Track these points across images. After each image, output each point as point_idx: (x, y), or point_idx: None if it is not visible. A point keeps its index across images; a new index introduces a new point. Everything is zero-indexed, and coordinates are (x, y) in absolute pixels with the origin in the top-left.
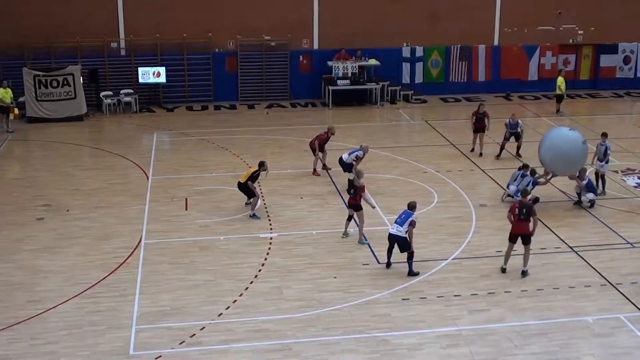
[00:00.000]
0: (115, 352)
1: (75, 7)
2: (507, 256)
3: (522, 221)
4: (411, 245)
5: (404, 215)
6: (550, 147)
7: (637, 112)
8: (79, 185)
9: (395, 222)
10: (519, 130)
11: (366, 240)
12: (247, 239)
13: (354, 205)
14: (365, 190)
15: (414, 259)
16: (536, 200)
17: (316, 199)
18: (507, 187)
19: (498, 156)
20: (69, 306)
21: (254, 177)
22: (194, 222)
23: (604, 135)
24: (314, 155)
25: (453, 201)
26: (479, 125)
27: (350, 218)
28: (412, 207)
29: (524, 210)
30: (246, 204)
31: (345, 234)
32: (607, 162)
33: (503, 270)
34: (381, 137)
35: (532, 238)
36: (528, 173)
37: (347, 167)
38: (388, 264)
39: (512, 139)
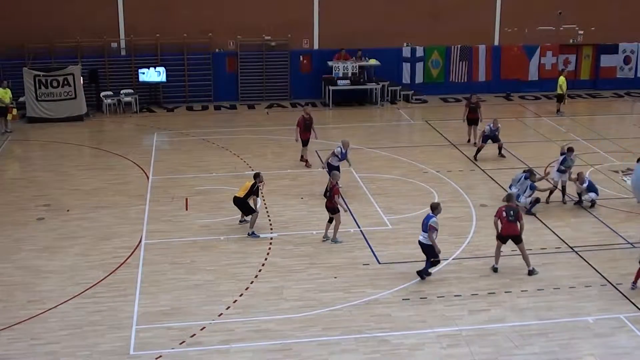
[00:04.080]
0: (116, 352)
1: (75, 7)
2: (497, 256)
3: (511, 222)
4: (436, 252)
5: (425, 220)
6: None
7: (637, 112)
8: (79, 185)
9: (422, 229)
10: (497, 134)
11: (340, 240)
12: (247, 239)
13: (331, 208)
14: (339, 193)
15: (434, 267)
16: (537, 200)
17: (316, 199)
18: (509, 188)
19: (475, 156)
20: (69, 306)
21: (253, 191)
22: (194, 222)
23: (571, 150)
24: (303, 145)
25: (453, 201)
26: (473, 116)
27: (330, 220)
28: (432, 208)
29: (512, 212)
30: (240, 221)
31: (326, 237)
32: (562, 172)
33: (495, 270)
34: (381, 137)
35: (522, 237)
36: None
37: (331, 169)
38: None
39: (490, 141)
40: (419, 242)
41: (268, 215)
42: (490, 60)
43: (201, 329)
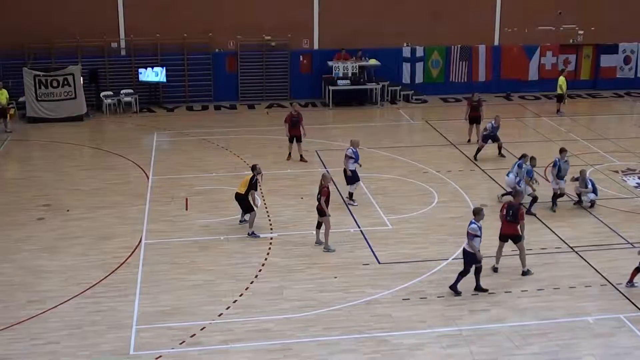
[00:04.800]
0: (116, 352)
1: (75, 7)
2: (498, 255)
3: (509, 222)
4: (477, 259)
5: (468, 226)
6: None
7: (637, 112)
8: (79, 185)
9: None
10: (497, 133)
11: (333, 248)
12: (247, 238)
13: (320, 210)
14: (328, 195)
15: (479, 273)
16: (535, 199)
17: (316, 199)
18: (507, 175)
19: (475, 156)
20: (69, 306)
21: (253, 185)
22: (194, 222)
23: (563, 150)
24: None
25: (453, 201)
26: (475, 114)
27: (319, 225)
28: (473, 213)
29: (511, 212)
30: (240, 221)
31: (318, 242)
32: (561, 179)
33: (495, 270)
34: (381, 137)
35: (523, 237)
36: (528, 163)
37: (355, 176)
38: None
39: (490, 141)
40: (463, 249)
41: (268, 215)
42: (490, 60)
43: (201, 329)
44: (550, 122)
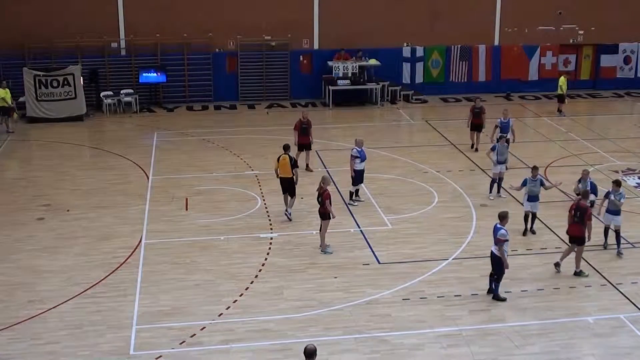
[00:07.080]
0: (116, 352)
1: (76, 7)
2: (565, 254)
3: (575, 223)
4: (503, 267)
5: (494, 231)
6: None
7: (637, 112)
8: (79, 185)
9: (493, 241)
10: (508, 135)
11: (330, 250)
12: (247, 239)
13: (322, 213)
14: (330, 198)
15: (500, 282)
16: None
17: (316, 199)
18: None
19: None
20: (69, 306)
21: (293, 164)
22: (194, 222)
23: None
24: (299, 150)
25: (453, 201)
26: (477, 121)
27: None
28: (499, 217)
29: (578, 213)
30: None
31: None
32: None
33: (556, 265)
34: (381, 137)
35: (589, 238)
36: (505, 144)
37: (359, 177)
38: (489, 290)
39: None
40: (491, 252)
41: (268, 215)
42: (490, 60)
43: (201, 329)
44: (550, 122)
